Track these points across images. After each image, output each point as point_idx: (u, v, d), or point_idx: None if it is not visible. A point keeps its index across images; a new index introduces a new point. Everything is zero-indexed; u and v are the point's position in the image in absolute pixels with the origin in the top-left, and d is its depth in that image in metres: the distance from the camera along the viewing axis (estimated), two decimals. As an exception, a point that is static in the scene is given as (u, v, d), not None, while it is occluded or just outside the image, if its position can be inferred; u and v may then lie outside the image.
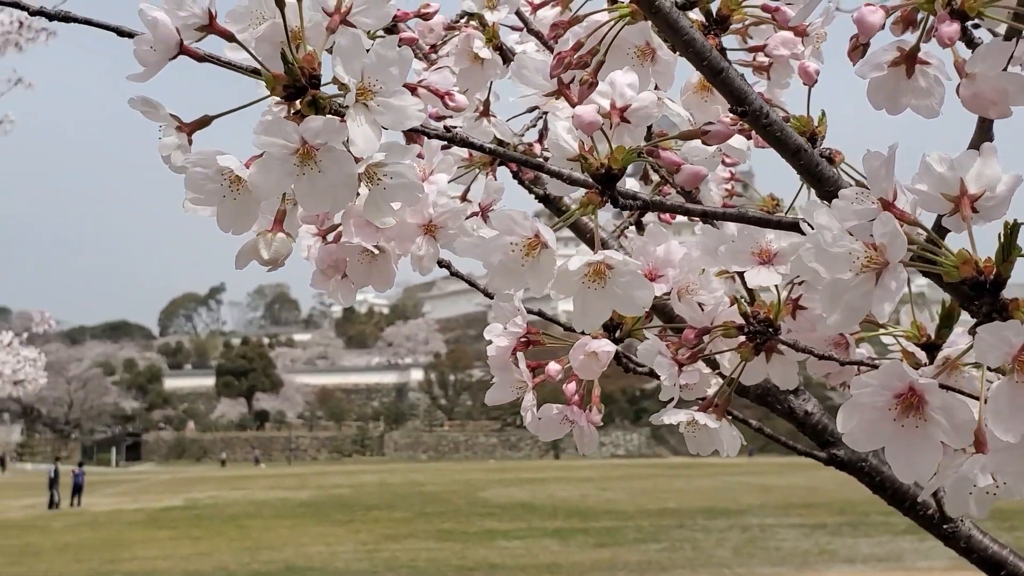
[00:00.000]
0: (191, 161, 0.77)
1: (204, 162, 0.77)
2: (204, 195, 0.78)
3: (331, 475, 58.98)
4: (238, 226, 0.80)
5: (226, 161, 0.76)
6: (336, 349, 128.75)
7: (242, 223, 0.80)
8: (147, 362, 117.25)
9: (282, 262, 0.84)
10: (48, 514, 33.98)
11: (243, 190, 0.78)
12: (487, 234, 0.82)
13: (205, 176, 0.78)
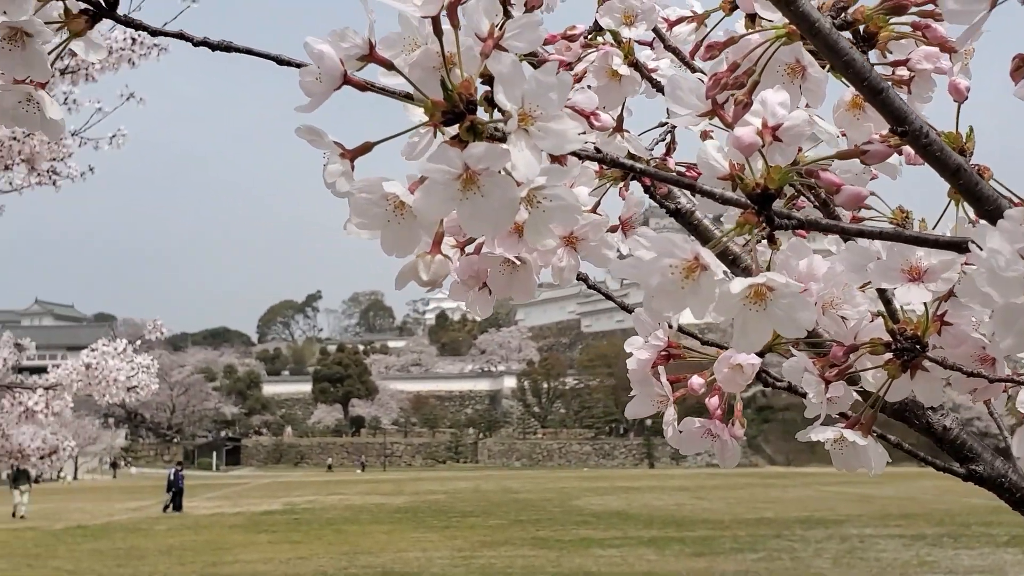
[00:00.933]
0: (357, 187, 0.79)
1: (370, 188, 0.78)
2: (369, 219, 0.79)
3: (426, 481, 59.40)
4: (401, 249, 0.81)
5: (392, 188, 0.77)
6: (430, 356, 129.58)
7: (405, 246, 0.81)
8: (246, 368, 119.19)
9: (440, 283, 0.85)
10: (152, 517, 34.70)
11: (407, 214, 0.79)
12: (645, 256, 0.81)
13: (370, 201, 0.79)
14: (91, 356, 5.12)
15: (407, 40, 0.85)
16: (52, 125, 0.91)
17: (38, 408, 4.91)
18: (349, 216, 0.82)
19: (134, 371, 5.23)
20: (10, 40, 0.86)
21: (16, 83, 0.89)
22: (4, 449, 5.34)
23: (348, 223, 0.82)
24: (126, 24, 0.88)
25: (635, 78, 1.13)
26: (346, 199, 0.81)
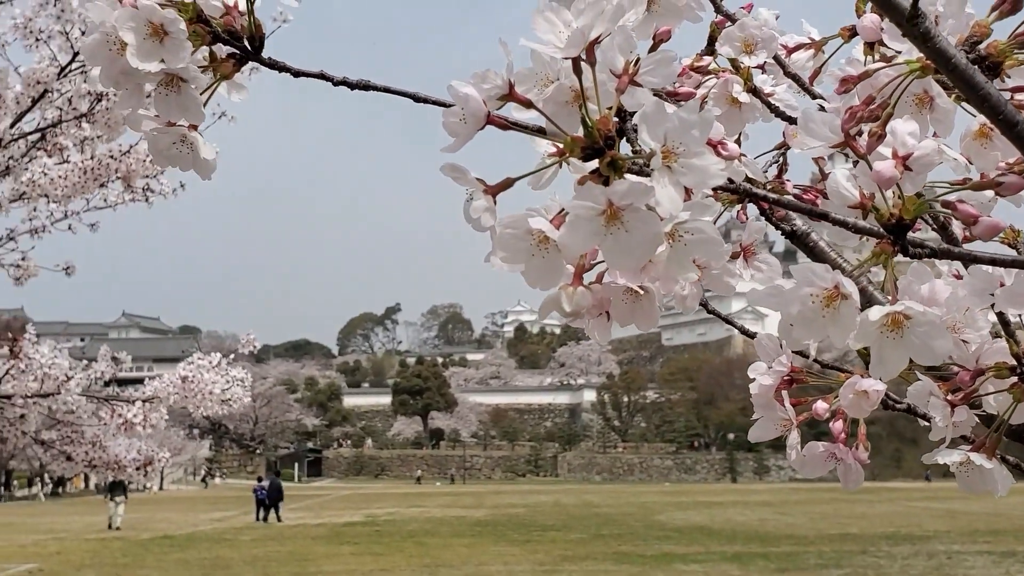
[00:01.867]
0: (503, 223, 0.81)
1: (515, 224, 0.80)
2: (513, 253, 0.82)
3: (506, 494, 59.43)
4: (545, 282, 0.83)
5: (537, 224, 0.79)
6: (509, 369, 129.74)
7: (550, 279, 0.83)
8: (327, 380, 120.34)
9: (582, 313, 0.87)
10: (237, 527, 35.14)
11: (551, 248, 0.81)
12: (785, 284, 0.83)
13: (514, 236, 0.81)
14: (187, 369, 5.22)
15: (539, 76, 0.88)
16: (204, 164, 0.95)
17: (137, 420, 5.02)
18: (492, 249, 0.84)
19: (228, 384, 5.32)
20: (167, 86, 0.90)
21: (170, 125, 0.93)
22: (101, 460, 5.46)
23: (492, 256, 0.84)
24: (271, 66, 0.92)
25: (755, 105, 1.15)
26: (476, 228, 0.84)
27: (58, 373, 5.12)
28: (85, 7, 0.89)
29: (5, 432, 5.39)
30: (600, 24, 0.81)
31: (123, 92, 0.91)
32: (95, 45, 0.88)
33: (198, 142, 0.94)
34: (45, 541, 30.22)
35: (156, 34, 0.87)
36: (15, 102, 5.04)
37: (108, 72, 0.90)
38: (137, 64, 0.87)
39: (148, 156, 5.72)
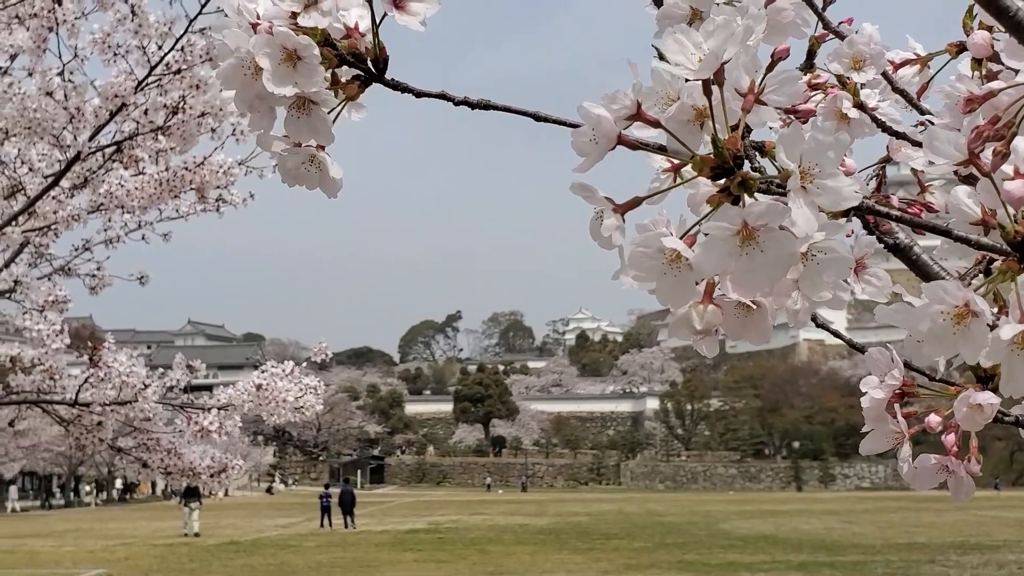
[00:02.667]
0: (636, 242, 0.82)
1: (647, 243, 0.82)
2: (645, 271, 0.83)
3: (568, 503, 59.31)
4: (677, 300, 0.84)
5: (671, 243, 0.81)
6: (570, 377, 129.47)
7: (681, 297, 0.84)
8: (388, 387, 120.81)
9: (713, 331, 0.88)
10: (301, 533, 35.43)
11: (683, 267, 0.82)
12: (915, 302, 0.83)
13: (646, 255, 0.82)
14: (261, 377, 5.28)
15: (659, 95, 0.89)
16: (332, 183, 0.97)
17: (213, 428, 5.09)
18: (621, 267, 0.85)
19: (302, 392, 5.38)
20: (298, 108, 0.92)
21: (297, 146, 0.95)
22: (177, 467, 5.53)
23: (621, 274, 0.85)
24: (394, 88, 0.93)
25: (864, 120, 1.15)
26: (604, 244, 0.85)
27: (135, 381, 5.21)
28: (222, 33, 0.91)
29: (83, 439, 5.49)
30: (731, 46, 0.82)
31: (255, 115, 0.93)
32: (230, 70, 0.91)
33: (327, 162, 0.96)
34: (114, 547, 30.65)
35: (290, 59, 0.89)
36: (94, 115, 5.13)
37: (243, 96, 0.93)
38: (273, 88, 0.89)
39: (221, 167, 5.80)
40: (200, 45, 5.11)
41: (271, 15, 0.91)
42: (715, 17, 0.83)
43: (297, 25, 0.90)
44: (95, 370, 5.14)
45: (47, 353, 5.29)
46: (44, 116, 5.10)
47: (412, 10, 0.90)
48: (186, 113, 5.29)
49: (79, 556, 27.85)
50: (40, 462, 64.74)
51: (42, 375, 5.45)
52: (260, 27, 0.89)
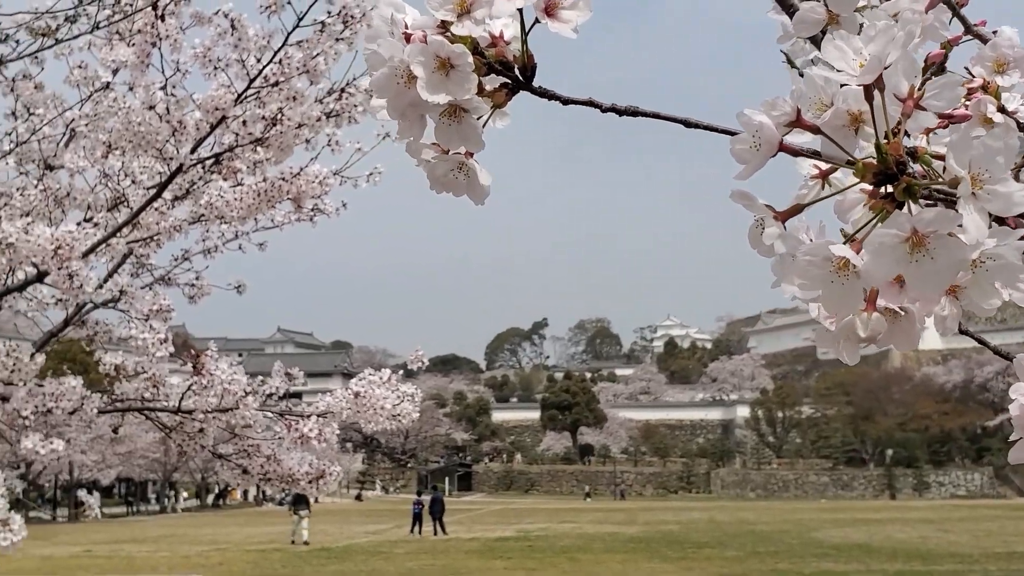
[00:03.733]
0: (803, 251, 0.81)
1: (814, 251, 0.80)
2: (810, 280, 0.82)
3: (658, 511, 58.95)
4: (844, 308, 0.83)
5: (840, 251, 0.79)
6: (658, 384, 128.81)
7: (848, 305, 0.83)
8: (475, 395, 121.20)
9: (877, 340, 0.87)
10: (391, 540, 35.65)
11: (850, 275, 0.81)
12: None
13: (812, 263, 0.81)
14: (359, 384, 5.33)
15: (813, 100, 0.87)
16: (480, 190, 0.97)
17: (312, 435, 5.14)
18: (782, 275, 0.84)
19: (399, 400, 5.43)
20: (449, 116, 0.93)
21: (445, 153, 0.95)
22: (276, 473, 5.60)
23: (783, 283, 0.84)
24: (541, 95, 0.93)
25: (1010, 125, 1.12)
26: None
27: (237, 389, 5.28)
28: (376, 43, 0.92)
29: (185, 445, 5.58)
30: (892, 50, 0.80)
31: (405, 122, 0.94)
32: (383, 79, 0.91)
33: (476, 168, 0.96)
34: (208, 552, 31.13)
35: (443, 67, 0.89)
36: (195, 128, 5.23)
37: (395, 104, 0.93)
38: (427, 96, 0.90)
39: (317, 177, 5.88)
40: (297, 57, 5.19)
41: (420, 24, 0.91)
42: (876, 22, 0.82)
43: (446, 34, 0.91)
44: (198, 378, 5.23)
45: (151, 361, 5.38)
46: (148, 129, 5.20)
47: (564, 17, 0.90)
48: (284, 125, 5.37)
49: (174, 561, 28.34)
50: (136, 468, 66.12)
51: (145, 383, 5.55)
52: (414, 36, 0.90)
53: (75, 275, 4.49)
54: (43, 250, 4.44)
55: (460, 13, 0.91)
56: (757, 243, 0.85)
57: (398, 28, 0.92)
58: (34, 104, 5.82)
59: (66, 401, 5.00)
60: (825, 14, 1.05)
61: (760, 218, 0.85)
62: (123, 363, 5.86)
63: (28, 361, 4.94)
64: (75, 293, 4.59)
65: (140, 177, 5.93)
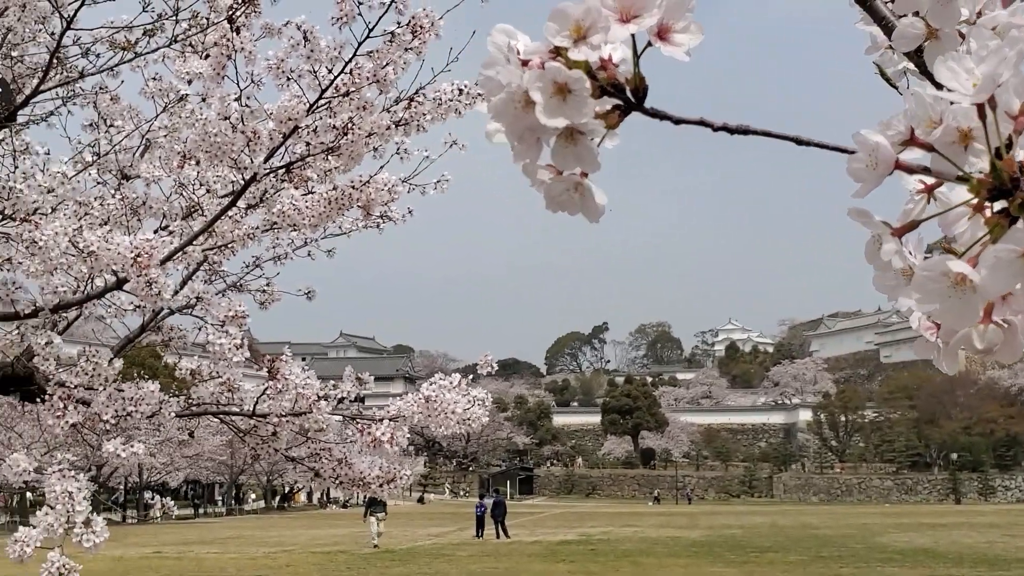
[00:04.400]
0: (921, 267, 0.84)
1: (932, 267, 0.84)
2: (927, 295, 0.85)
3: (720, 515, 58.60)
4: (961, 321, 0.86)
5: (957, 267, 0.82)
6: (720, 388, 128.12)
7: (965, 319, 0.86)
8: (536, 399, 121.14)
9: (994, 352, 0.89)
10: (454, 543, 35.76)
11: (967, 289, 0.84)
12: None
13: (930, 279, 0.84)
14: (430, 389, 5.40)
15: (921, 118, 0.90)
16: (595, 209, 1.00)
17: (385, 439, 5.21)
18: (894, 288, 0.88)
19: (469, 404, 5.48)
20: (566, 139, 0.96)
21: (559, 174, 0.98)
22: (347, 477, 5.67)
23: (901, 299, 0.88)
24: (653, 116, 0.97)
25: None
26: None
27: (310, 393, 5.37)
28: (494, 70, 0.95)
29: (258, 449, 5.66)
30: (1004, 70, 0.83)
31: (522, 145, 0.97)
32: (501, 104, 0.95)
33: (591, 189, 0.99)
34: (275, 554, 31.41)
35: (560, 92, 0.93)
36: (268, 138, 5.32)
37: (513, 128, 0.97)
38: (545, 121, 0.93)
39: (386, 185, 5.95)
40: (367, 68, 5.26)
41: (532, 50, 0.95)
42: (988, 42, 0.85)
43: (557, 59, 0.94)
44: (273, 382, 5.32)
45: (227, 366, 5.48)
46: (224, 140, 5.30)
47: (676, 41, 0.93)
48: (354, 134, 5.44)
49: (242, 563, 28.63)
50: (203, 471, 66.92)
51: (220, 387, 5.65)
52: (531, 63, 0.93)
53: (153, 282, 4.57)
54: (123, 258, 4.53)
55: (576, 39, 0.94)
56: (874, 258, 0.88)
57: (514, 55, 0.95)
58: (111, 116, 5.94)
59: (145, 405, 5.09)
60: (925, 29, 1.08)
61: (877, 234, 0.89)
62: (198, 367, 5.96)
63: (107, 366, 5.04)
64: (153, 299, 4.67)
65: (214, 186, 6.03)
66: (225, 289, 6.77)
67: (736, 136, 0.98)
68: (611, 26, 0.93)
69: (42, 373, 5.21)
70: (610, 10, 0.92)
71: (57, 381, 5.07)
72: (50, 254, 4.50)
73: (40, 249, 4.47)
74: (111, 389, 5.04)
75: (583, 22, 0.92)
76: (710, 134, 1.00)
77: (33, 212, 4.43)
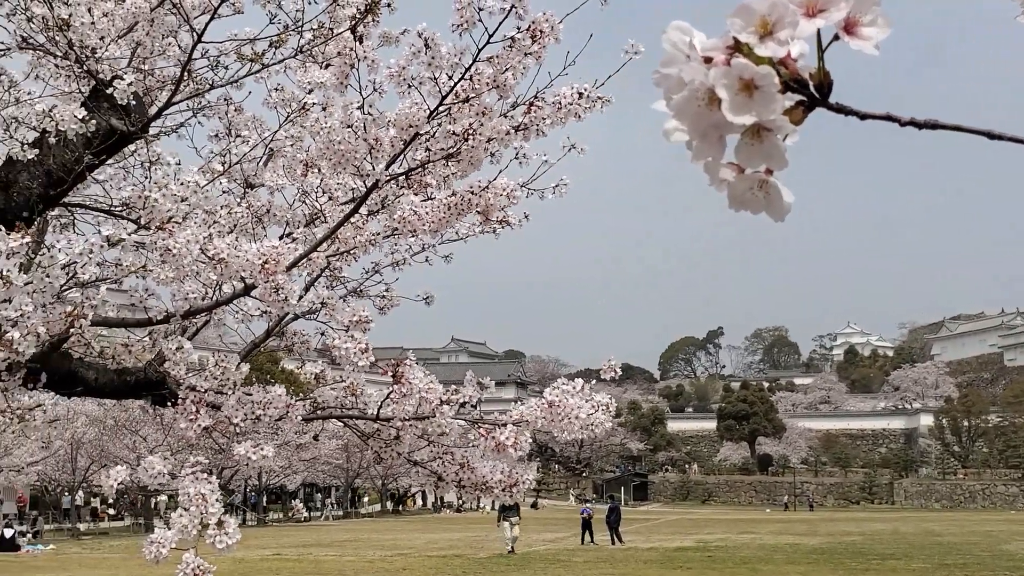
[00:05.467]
0: None
1: None
2: None
3: (840, 522, 57.57)
4: None
5: None
6: (839, 393, 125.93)
7: None
8: (649, 404, 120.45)
9: None
10: (569, 548, 35.73)
11: None
12: None
13: None
14: (553, 394, 5.41)
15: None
16: (781, 207, 0.99)
17: (509, 443, 5.24)
18: None
19: (594, 409, 5.48)
20: (752, 135, 0.96)
21: (742, 172, 0.98)
22: (470, 480, 5.72)
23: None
24: (838, 111, 0.95)
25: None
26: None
27: (433, 397, 5.43)
28: (677, 68, 0.96)
29: (382, 452, 5.74)
30: None
31: (704, 144, 0.97)
32: (684, 102, 0.95)
33: (777, 186, 0.98)
34: (391, 557, 31.73)
35: (747, 89, 0.92)
36: (390, 145, 5.39)
37: (696, 126, 0.97)
38: (732, 118, 0.93)
39: (504, 190, 5.98)
40: (487, 73, 5.30)
41: (709, 48, 0.95)
42: None
43: (734, 56, 0.93)
44: (398, 386, 5.39)
45: (352, 370, 5.57)
46: (348, 148, 5.39)
47: (864, 35, 0.91)
48: (475, 139, 5.49)
49: (359, 565, 28.97)
50: (319, 474, 67.93)
51: (344, 391, 5.74)
52: (715, 60, 0.93)
53: (280, 288, 4.66)
54: (252, 264, 4.62)
55: (762, 35, 0.93)
56: None
57: (696, 52, 0.95)
58: (236, 126, 6.08)
59: (273, 409, 5.19)
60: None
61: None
62: (322, 372, 6.05)
63: (235, 370, 5.15)
64: (280, 305, 4.76)
65: (336, 194, 6.13)
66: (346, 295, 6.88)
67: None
68: (798, 21, 0.92)
69: (173, 378, 5.34)
70: (797, 5, 0.91)
71: (188, 386, 5.20)
72: (182, 261, 4.62)
73: (173, 256, 4.59)
74: (239, 393, 5.15)
75: (769, 17, 0.91)
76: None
77: (167, 220, 4.56)
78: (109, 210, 5.45)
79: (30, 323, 4.14)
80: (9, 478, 42.44)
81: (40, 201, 4.70)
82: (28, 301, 4.08)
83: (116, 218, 5.30)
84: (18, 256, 4.06)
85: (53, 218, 6.00)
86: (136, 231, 4.80)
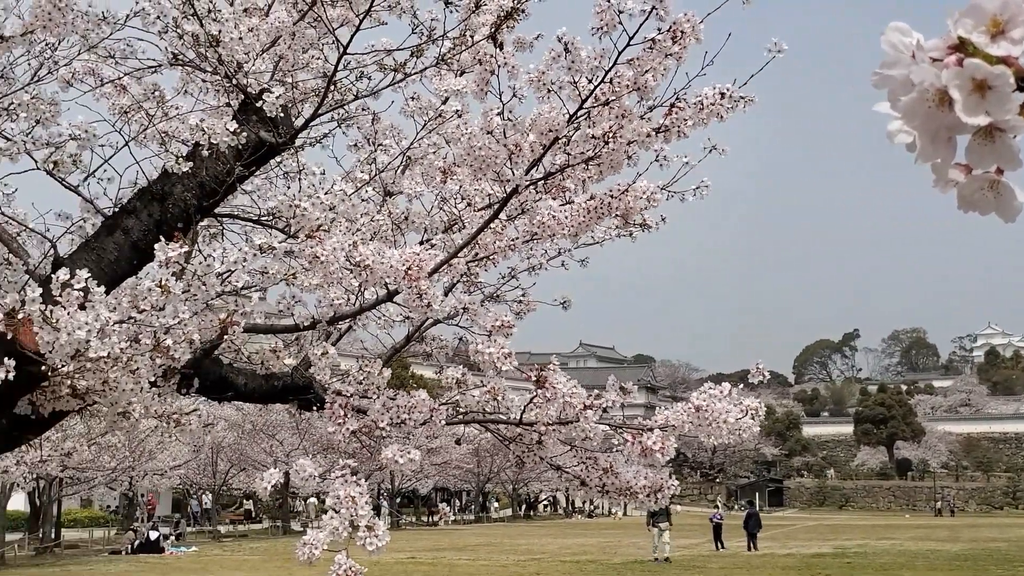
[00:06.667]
0: None
1: None
2: None
3: (983, 527, 55.96)
4: None
5: None
6: (979, 396, 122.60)
7: None
8: (784, 409, 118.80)
9: None
10: (704, 555, 35.42)
11: None
12: None
13: None
14: (700, 398, 5.36)
15: None
16: (1012, 208, 0.96)
17: (656, 448, 5.21)
18: None
19: (742, 414, 5.41)
20: (984, 136, 0.92)
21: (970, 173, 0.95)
22: (614, 486, 5.70)
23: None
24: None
25: None
26: None
27: (578, 402, 5.42)
28: (907, 69, 0.93)
29: (524, 456, 5.76)
30: None
31: (933, 145, 0.94)
32: (913, 104, 0.92)
33: (1009, 187, 0.95)
34: (524, 561, 31.83)
35: (979, 89, 0.89)
36: (530, 150, 5.41)
37: (926, 126, 0.94)
38: (966, 119, 0.90)
39: (644, 193, 5.96)
40: (627, 76, 5.28)
41: (931, 48, 0.92)
42: None
43: (950, 55, 0.90)
44: (541, 391, 5.40)
45: (494, 375, 5.60)
46: (488, 153, 5.42)
47: None
48: (616, 142, 5.48)
49: (492, 570, 29.14)
50: (451, 478, 68.52)
51: (485, 396, 5.77)
52: (947, 60, 0.90)
53: (424, 293, 4.70)
54: (395, 271, 4.68)
55: (994, 34, 0.90)
56: None
57: (923, 53, 0.92)
58: (376, 136, 6.17)
59: (418, 413, 5.24)
60: None
61: None
62: (463, 376, 6.10)
63: (377, 374, 5.22)
64: (423, 310, 4.81)
65: (475, 199, 6.17)
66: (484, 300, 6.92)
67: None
68: (1033, 19, 0.89)
69: (318, 383, 5.43)
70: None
71: (334, 390, 5.28)
72: (329, 268, 4.70)
73: (321, 264, 4.67)
74: (384, 397, 5.21)
75: (1001, 16, 0.88)
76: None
77: (316, 228, 4.64)
78: (257, 219, 5.57)
79: (186, 330, 4.25)
80: (153, 481, 43.78)
81: (195, 212, 4.82)
82: (184, 308, 4.19)
83: (264, 227, 5.42)
84: (175, 265, 4.18)
85: (203, 228, 6.16)
86: (284, 240, 4.90)
